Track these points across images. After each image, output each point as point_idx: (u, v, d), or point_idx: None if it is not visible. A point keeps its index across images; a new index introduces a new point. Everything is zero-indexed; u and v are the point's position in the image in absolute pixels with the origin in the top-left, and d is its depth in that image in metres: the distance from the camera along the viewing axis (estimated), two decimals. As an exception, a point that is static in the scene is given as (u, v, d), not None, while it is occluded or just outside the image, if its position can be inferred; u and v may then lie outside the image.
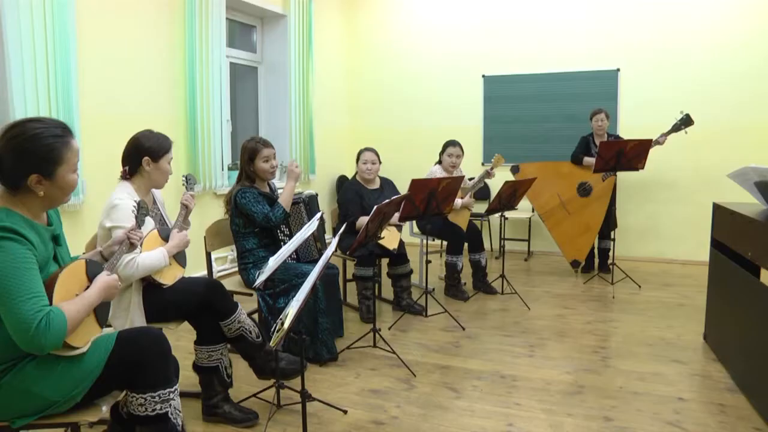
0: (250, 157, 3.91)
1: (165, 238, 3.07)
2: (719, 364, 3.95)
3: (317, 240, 4.16)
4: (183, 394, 3.11)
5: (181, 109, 5.51)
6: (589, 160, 6.20)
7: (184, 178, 3.42)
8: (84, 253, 2.66)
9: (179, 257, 3.16)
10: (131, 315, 2.90)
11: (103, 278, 2.20)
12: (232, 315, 3.11)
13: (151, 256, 2.90)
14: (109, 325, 2.87)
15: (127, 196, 2.92)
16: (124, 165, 3.09)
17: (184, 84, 5.52)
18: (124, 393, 2.30)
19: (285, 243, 3.75)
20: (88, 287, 2.16)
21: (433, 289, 5.56)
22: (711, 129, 6.73)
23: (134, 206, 2.55)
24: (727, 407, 3.34)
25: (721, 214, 4.12)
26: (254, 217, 3.79)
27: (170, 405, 2.27)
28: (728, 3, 6.73)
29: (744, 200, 4.05)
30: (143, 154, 3.05)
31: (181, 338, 4.09)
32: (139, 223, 2.52)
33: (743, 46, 6.71)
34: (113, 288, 2.23)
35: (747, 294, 3.54)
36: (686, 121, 5.88)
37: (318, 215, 3.46)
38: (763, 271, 3.39)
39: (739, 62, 6.74)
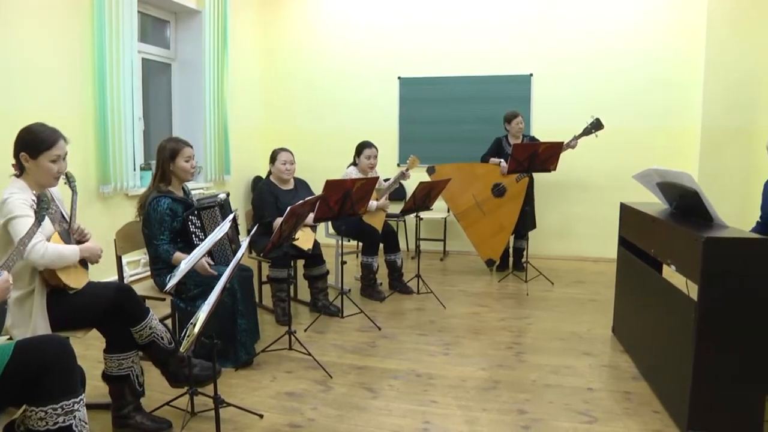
0: (171, 155, 3.82)
1: (68, 240, 2.92)
2: (626, 355, 4.14)
3: (232, 242, 4.09)
4: (91, 406, 2.98)
5: (89, 105, 5.31)
6: (495, 161, 6.38)
7: (64, 177, 3.23)
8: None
9: (83, 261, 3.02)
10: (34, 323, 2.71)
11: None
12: (143, 321, 3.00)
13: (61, 245, 2.76)
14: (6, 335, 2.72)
15: (18, 190, 2.73)
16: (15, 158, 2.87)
17: (92, 79, 5.31)
18: (23, 409, 2.16)
19: (200, 247, 3.68)
20: None
21: (349, 290, 5.58)
22: (618, 132, 7.00)
23: (33, 200, 2.38)
24: (632, 394, 3.51)
25: (627, 213, 4.31)
26: (151, 234, 3.74)
27: (75, 417, 2.15)
28: (637, 14, 7.09)
29: (648, 200, 4.24)
30: (20, 149, 2.81)
31: (90, 346, 3.92)
32: (40, 218, 2.36)
33: (650, 54, 7.09)
34: (4, 290, 2.07)
35: (650, 289, 3.73)
36: (596, 125, 6.10)
37: (230, 216, 3.41)
38: (665, 267, 3.56)
39: (645, 70, 7.11)
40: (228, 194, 4.17)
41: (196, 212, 3.85)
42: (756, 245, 2.80)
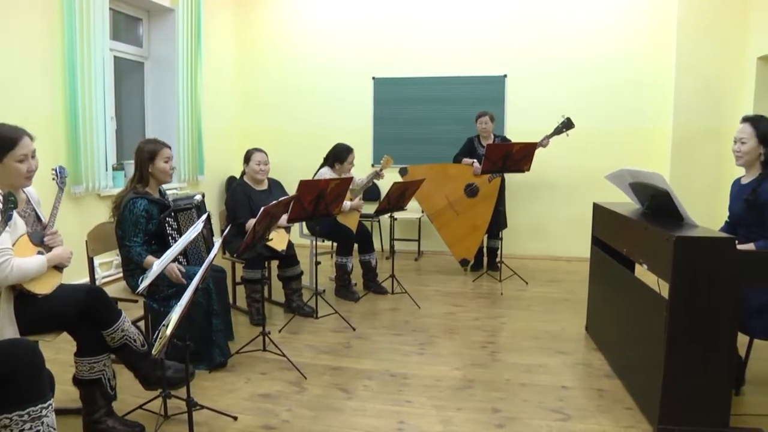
0: (150, 156, 3.76)
1: (38, 242, 2.86)
2: (599, 353, 4.19)
3: (207, 242, 4.06)
4: (61, 411, 2.95)
5: (60, 104, 5.22)
6: (468, 161, 6.40)
7: (53, 171, 3.16)
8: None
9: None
10: (0, 328, 2.61)
11: None
12: (115, 323, 2.95)
13: (27, 261, 2.68)
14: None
15: None
16: None
17: (63, 78, 5.21)
18: None
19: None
20: None
21: (324, 291, 5.57)
22: (591, 133, 7.11)
23: None
24: (605, 392, 3.56)
25: (600, 213, 4.36)
26: (124, 235, 3.68)
27: (42, 423, 2.10)
28: (609, 17, 7.19)
29: (621, 200, 4.28)
30: None
31: (60, 350, 3.84)
32: (6, 218, 2.29)
33: (621, 57, 7.20)
34: None
35: (623, 287, 3.78)
36: (567, 125, 6.15)
37: (203, 217, 3.37)
38: (637, 266, 3.61)
39: (617, 71, 7.21)
40: (203, 195, 4.14)
41: (172, 214, 3.82)
42: (724, 244, 2.85)
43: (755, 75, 6.08)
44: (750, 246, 3.22)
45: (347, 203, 5.40)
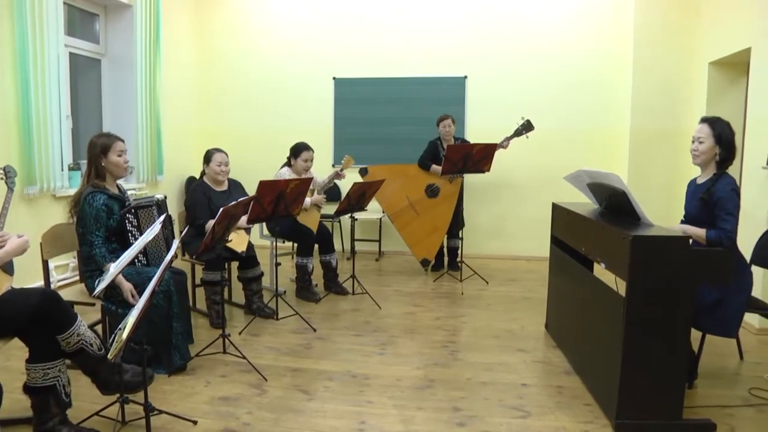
0: (102, 151, 3.69)
1: None
2: (558, 351, 4.26)
3: (168, 242, 4.00)
4: (10, 422, 2.87)
5: (11, 102, 5.06)
6: (437, 169, 6.41)
7: (1, 171, 3.10)
8: None
9: (6, 265, 2.86)
10: None
11: None
12: (71, 328, 2.85)
13: None
14: None
15: None
16: None
17: (14, 74, 5.05)
18: None
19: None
20: None
21: (284, 292, 5.55)
22: (550, 133, 7.20)
23: None
24: (564, 388, 3.62)
25: (558, 213, 4.43)
26: (85, 231, 3.60)
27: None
28: (568, 19, 7.30)
29: (579, 200, 4.35)
30: None
31: (11, 357, 3.77)
32: None
33: (580, 60, 7.33)
34: None
35: (581, 286, 3.85)
36: (527, 127, 6.23)
37: (161, 218, 3.32)
38: (595, 265, 3.66)
39: (576, 73, 7.34)
40: (165, 196, 4.09)
41: (133, 210, 3.76)
42: (679, 243, 2.92)
43: (707, 79, 6.21)
44: (701, 231, 3.32)
45: (307, 200, 5.38)
